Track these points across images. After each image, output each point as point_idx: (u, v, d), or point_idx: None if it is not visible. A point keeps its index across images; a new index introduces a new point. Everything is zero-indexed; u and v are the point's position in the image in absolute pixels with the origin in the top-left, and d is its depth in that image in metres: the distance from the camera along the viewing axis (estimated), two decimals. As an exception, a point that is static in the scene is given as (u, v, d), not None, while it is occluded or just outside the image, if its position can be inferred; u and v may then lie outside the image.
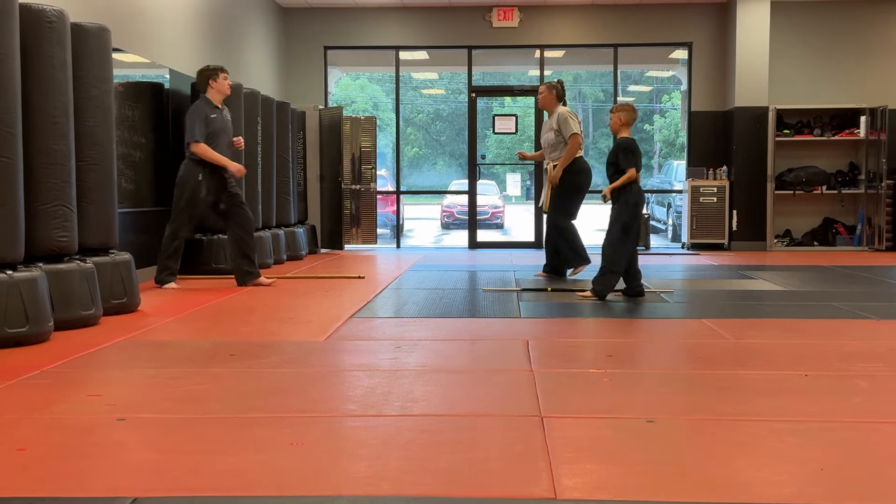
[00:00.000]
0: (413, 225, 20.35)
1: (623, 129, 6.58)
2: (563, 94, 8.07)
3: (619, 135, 6.60)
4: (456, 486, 2.43)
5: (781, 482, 2.46)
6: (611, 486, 2.44)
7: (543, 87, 8.11)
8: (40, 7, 5.03)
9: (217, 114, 7.10)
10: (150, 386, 3.70)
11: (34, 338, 4.56)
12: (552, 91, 8.01)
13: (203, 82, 7.13)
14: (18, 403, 3.37)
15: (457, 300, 6.51)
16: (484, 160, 13.12)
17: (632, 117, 6.62)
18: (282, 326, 5.30)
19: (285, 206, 9.99)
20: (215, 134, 7.04)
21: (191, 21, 8.80)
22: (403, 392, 3.51)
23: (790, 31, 11.92)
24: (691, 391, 3.65)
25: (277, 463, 2.60)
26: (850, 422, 3.11)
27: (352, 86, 30.58)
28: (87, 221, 5.54)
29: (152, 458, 2.69)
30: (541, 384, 3.63)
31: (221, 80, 7.12)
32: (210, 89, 7.10)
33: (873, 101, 11.71)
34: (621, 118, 6.57)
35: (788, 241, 12.00)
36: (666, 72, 24.37)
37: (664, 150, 31.33)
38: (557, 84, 8.10)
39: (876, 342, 4.73)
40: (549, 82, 8.16)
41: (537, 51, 12.44)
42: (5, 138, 4.54)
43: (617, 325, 5.51)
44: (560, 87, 8.07)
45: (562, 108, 7.99)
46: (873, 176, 11.68)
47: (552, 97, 8.00)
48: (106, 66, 5.73)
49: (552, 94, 8.00)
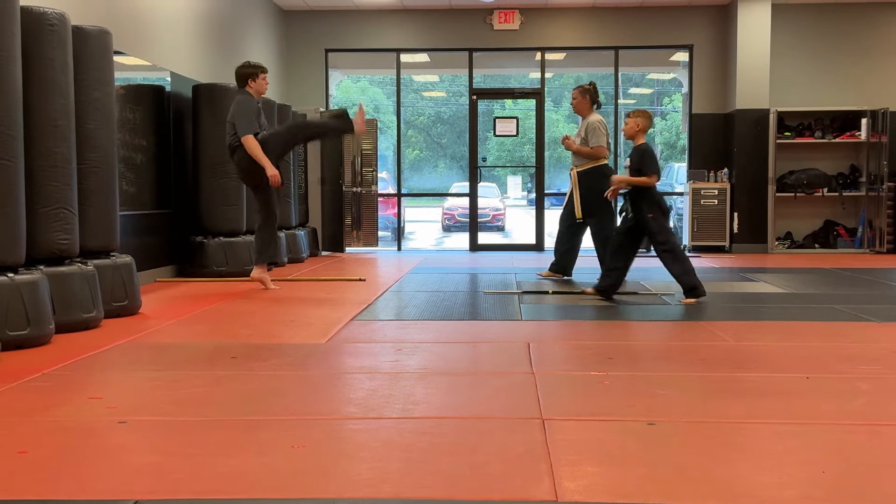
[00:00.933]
0: (414, 227, 20.36)
1: (640, 134, 6.56)
2: (596, 97, 7.91)
3: (637, 141, 6.56)
4: (457, 488, 2.43)
5: (783, 484, 2.46)
6: (612, 488, 2.44)
7: (576, 92, 7.94)
8: (41, 10, 5.03)
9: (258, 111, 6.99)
10: (152, 388, 3.70)
11: (35, 340, 4.56)
12: (585, 96, 7.86)
13: (243, 80, 6.98)
14: (19, 406, 3.38)
15: (458, 303, 6.51)
16: (485, 163, 13.10)
17: (648, 125, 6.61)
18: (283, 329, 5.30)
19: (286, 209, 9.99)
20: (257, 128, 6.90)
21: (192, 24, 8.81)
22: (404, 395, 3.51)
23: (791, 34, 11.93)
24: (692, 394, 3.65)
25: (279, 465, 2.60)
26: (852, 424, 3.11)
27: (353, 88, 30.59)
28: (88, 224, 5.54)
29: (153, 461, 2.69)
30: (542, 386, 3.63)
31: (261, 79, 6.99)
32: (249, 87, 6.96)
33: (874, 103, 11.71)
34: (639, 123, 6.54)
35: (789, 243, 11.99)
36: (667, 74, 24.39)
37: (665, 152, 31.32)
38: (590, 87, 7.92)
39: (877, 344, 4.73)
40: (581, 86, 7.97)
41: (538, 53, 12.45)
42: (6, 141, 4.54)
43: (618, 327, 5.51)
44: (593, 91, 7.90)
45: (593, 117, 7.80)
46: (874, 178, 11.67)
47: (586, 102, 7.86)
48: (107, 68, 5.73)
49: (585, 98, 7.86)
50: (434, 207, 23.37)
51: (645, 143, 6.58)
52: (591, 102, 7.88)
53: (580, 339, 5.14)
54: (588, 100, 7.88)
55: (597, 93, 7.97)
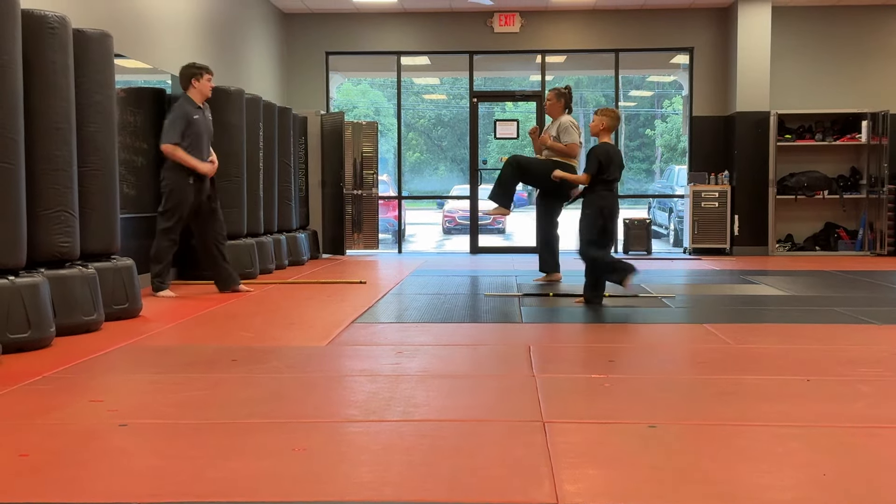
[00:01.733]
0: (414, 230, 20.36)
1: (603, 133, 6.49)
2: (569, 101, 8.14)
3: (601, 139, 6.50)
4: (458, 491, 2.43)
5: (784, 487, 2.46)
6: (613, 491, 2.44)
7: (552, 94, 8.15)
8: (43, 13, 5.04)
9: (199, 114, 6.89)
10: (152, 391, 3.70)
11: (36, 343, 4.56)
12: (560, 99, 8.07)
13: (186, 81, 6.87)
14: (20, 409, 3.38)
15: (458, 305, 6.51)
16: (485, 165, 13.10)
17: (614, 124, 6.55)
18: (283, 332, 5.30)
19: (287, 212, 10.00)
20: (198, 135, 6.85)
21: (193, 27, 8.82)
22: (405, 397, 3.51)
23: (791, 36, 11.93)
24: (693, 396, 3.65)
25: (279, 469, 2.60)
26: (852, 427, 3.11)
27: (353, 91, 30.59)
28: (88, 227, 5.55)
29: (154, 464, 2.69)
30: (542, 389, 3.63)
31: (205, 80, 6.88)
32: (192, 88, 6.86)
33: (875, 105, 11.71)
34: (603, 122, 6.49)
35: (790, 245, 11.99)
36: (667, 77, 24.38)
37: (665, 154, 31.32)
38: (566, 91, 8.12)
39: (877, 347, 4.73)
40: (557, 89, 8.16)
41: (539, 56, 12.45)
42: (7, 144, 4.55)
43: (618, 330, 5.50)
44: (567, 95, 8.11)
45: (565, 117, 8.04)
46: (875, 180, 11.67)
47: (559, 105, 8.08)
48: (108, 71, 5.74)
49: (560, 102, 8.08)
50: (435, 210, 23.34)
51: (603, 144, 6.46)
52: (564, 107, 8.11)
53: (581, 341, 5.14)
54: (562, 103, 8.09)
55: (571, 97, 8.17)
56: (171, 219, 6.82)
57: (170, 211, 6.84)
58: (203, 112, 6.97)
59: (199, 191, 6.90)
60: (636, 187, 29.96)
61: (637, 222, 12.19)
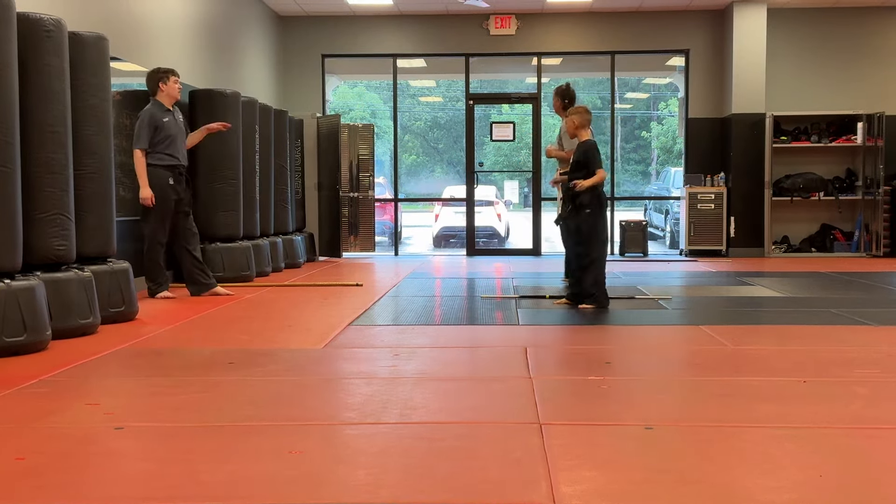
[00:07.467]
0: (411, 232, 20.32)
1: (580, 131, 6.46)
2: (572, 98, 7.85)
3: (581, 138, 6.47)
4: (455, 493, 2.43)
5: (780, 488, 2.46)
6: (610, 492, 2.44)
7: (553, 94, 7.94)
8: (38, 16, 5.03)
9: (169, 117, 6.93)
10: (149, 395, 3.70)
11: (32, 347, 4.55)
12: (560, 98, 7.85)
13: (153, 85, 6.94)
14: (17, 412, 3.37)
15: (455, 308, 6.51)
16: (482, 167, 13.10)
17: (586, 119, 6.48)
18: (280, 334, 5.30)
19: (283, 214, 9.99)
20: (172, 138, 6.89)
21: (188, 29, 8.82)
22: (402, 400, 3.51)
23: (787, 38, 11.95)
24: (690, 398, 3.65)
25: (276, 471, 2.60)
26: (849, 428, 3.11)
27: (349, 94, 30.60)
28: (84, 230, 5.54)
29: (150, 467, 2.69)
30: (539, 391, 3.63)
31: (172, 83, 6.94)
32: (160, 92, 6.92)
33: (870, 107, 11.73)
34: (575, 121, 6.45)
35: (786, 247, 12.00)
36: (663, 79, 24.40)
37: (661, 156, 31.34)
38: (565, 88, 7.89)
39: (874, 348, 4.74)
40: (557, 87, 7.96)
41: (535, 58, 12.46)
42: (3, 147, 4.54)
43: (615, 332, 5.51)
44: (566, 92, 7.85)
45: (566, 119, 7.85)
46: (871, 182, 11.69)
47: (559, 105, 7.86)
48: (104, 74, 5.74)
49: (561, 101, 7.84)
50: (431, 213, 23.01)
51: (590, 140, 6.45)
52: (567, 104, 7.90)
53: (578, 343, 5.14)
54: (563, 101, 7.83)
55: (571, 94, 7.88)
56: (155, 220, 6.85)
57: (153, 212, 6.84)
58: (173, 114, 7.02)
59: (175, 192, 6.95)
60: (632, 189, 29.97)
61: (633, 224, 12.20)
